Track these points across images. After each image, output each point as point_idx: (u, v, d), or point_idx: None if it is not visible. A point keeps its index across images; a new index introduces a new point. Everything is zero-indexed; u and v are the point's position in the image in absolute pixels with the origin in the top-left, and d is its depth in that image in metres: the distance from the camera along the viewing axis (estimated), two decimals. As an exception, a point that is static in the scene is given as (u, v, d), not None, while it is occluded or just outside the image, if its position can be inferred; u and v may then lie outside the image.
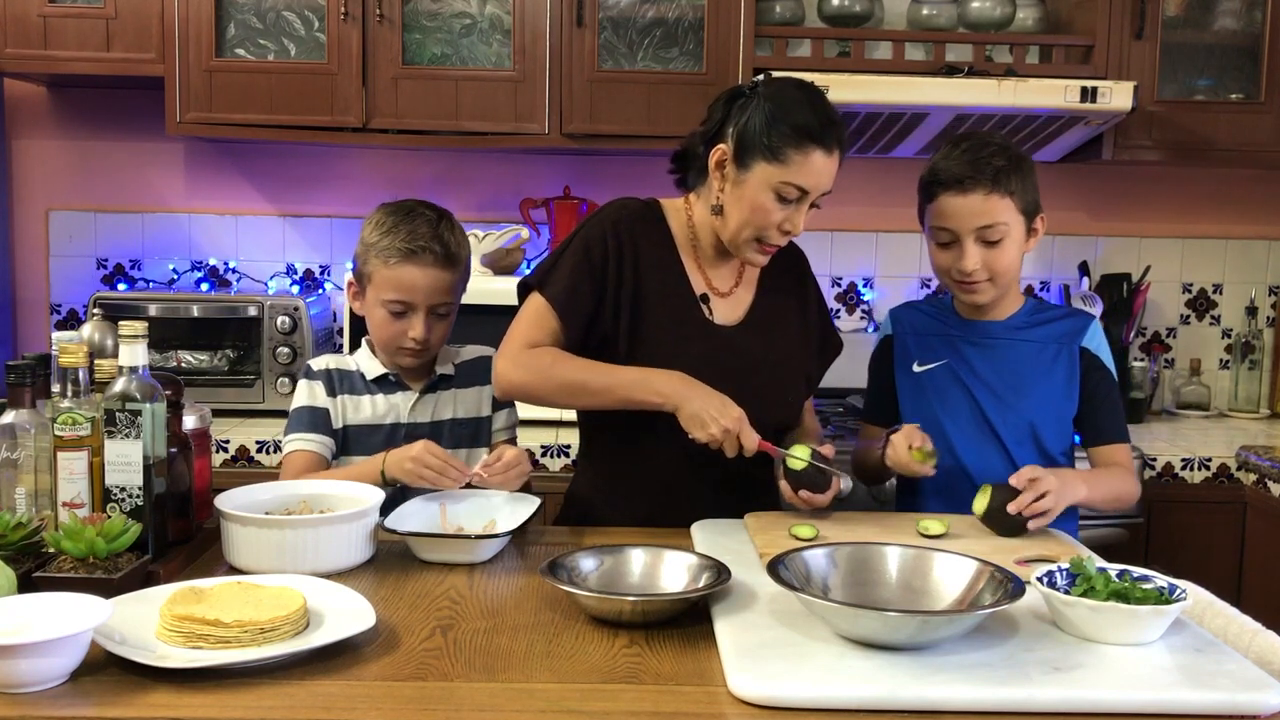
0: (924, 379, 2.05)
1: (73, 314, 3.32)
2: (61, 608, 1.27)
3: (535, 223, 3.26)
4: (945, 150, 1.96)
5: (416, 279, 1.96)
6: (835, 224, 3.38)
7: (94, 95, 3.28)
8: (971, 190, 1.90)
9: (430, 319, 1.99)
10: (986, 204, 1.90)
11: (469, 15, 2.97)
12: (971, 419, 1.99)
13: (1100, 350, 2.02)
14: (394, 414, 2.03)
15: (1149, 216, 3.45)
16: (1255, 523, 2.75)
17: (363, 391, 2.04)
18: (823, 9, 3.17)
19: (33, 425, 1.60)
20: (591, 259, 1.88)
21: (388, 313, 1.98)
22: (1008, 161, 1.91)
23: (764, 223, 1.83)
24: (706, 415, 1.74)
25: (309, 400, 2.02)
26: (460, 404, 2.08)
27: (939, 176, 1.94)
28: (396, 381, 2.05)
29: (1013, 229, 1.93)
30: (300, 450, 1.98)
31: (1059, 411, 2.00)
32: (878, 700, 1.19)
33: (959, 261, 1.94)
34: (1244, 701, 1.20)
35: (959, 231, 1.92)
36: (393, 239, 1.97)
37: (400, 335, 1.99)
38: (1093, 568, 1.42)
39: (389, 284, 1.97)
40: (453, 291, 2.01)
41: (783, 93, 1.84)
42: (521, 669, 1.29)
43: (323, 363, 2.06)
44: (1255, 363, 3.38)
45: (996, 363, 2.01)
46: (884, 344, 2.14)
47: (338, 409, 2.02)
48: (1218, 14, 3.11)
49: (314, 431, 2.00)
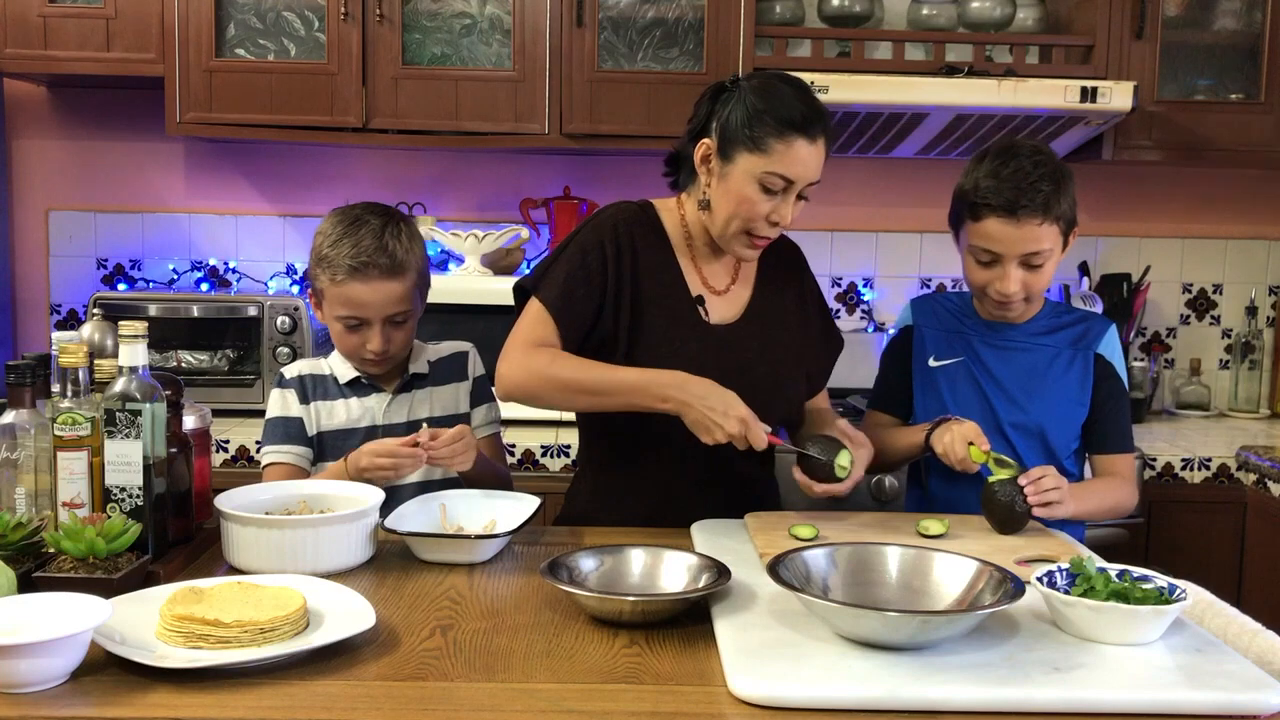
0: (938, 374, 2.05)
1: (73, 314, 3.32)
2: (61, 608, 1.27)
3: (535, 223, 3.26)
4: (990, 166, 1.90)
5: (364, 295, 1.93)
6: (835, 224, 3.39)
7: (94, 95, 3.28)
8: (1025, 220, 1.87)
9: (387, 329, 1.96)
10: (1038, 232, 1.88)
11: (469, 15, 2.97)
12: (981, 418, 1.98)
13: (1114, 358, 2.01)
14: (369, 416, 2.02)
15: (1149, 216, 3.45)
16: (1255, 523, 2.75)
17: (336, 396, 2.03)
18: (823, 9, 3.17)
19: (33, 425, 1.60)
20: (588, 264, 1.88)
21: (344, 326, 1.97)
22: (1055, 185, 1.88)
23: (750, 214, 1.83)
24: (710, 420, 1.73)
25: (281, 410, 2.02)
26: (436, 402, 2.06)
27: (988, 199, 1.89)
28: (369, 384, 2.04)
29: (1055, 251, 1.93)
30: (275, 464, 1.99)
31: (1070, 416, 2.00)
32: (878, 700, 1.19)
33: (999, 283, 1.93)
34: (1244, 701, 1.20)
35: (1004, 255, 1.91)
36: (337, 252, 1.92)
37: (359, 347, 1.97)
38: (1093, 568, 1.42)
39: (339, 300, 1.95)
40: (406, 299, 1.97)
41: (765, 85, 1.84)
42: (521, 669, 1.29)
43: (295, 369, 2.05)
44: (1255, 363, 3.38)
45: (1011, 365, 2.02)
46: (904, 334, 2.13)
47: (311, 416, 2.01)
48: (1218, 14, 3.11)
49: (287, 443, 2.00)
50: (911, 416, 2.11)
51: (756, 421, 1.74)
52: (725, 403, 1.74)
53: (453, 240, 3.01)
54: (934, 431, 1.91)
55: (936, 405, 2.04)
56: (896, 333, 2.16)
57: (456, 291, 2.84)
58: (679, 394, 1.75)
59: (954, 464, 1.86)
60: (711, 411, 1.73)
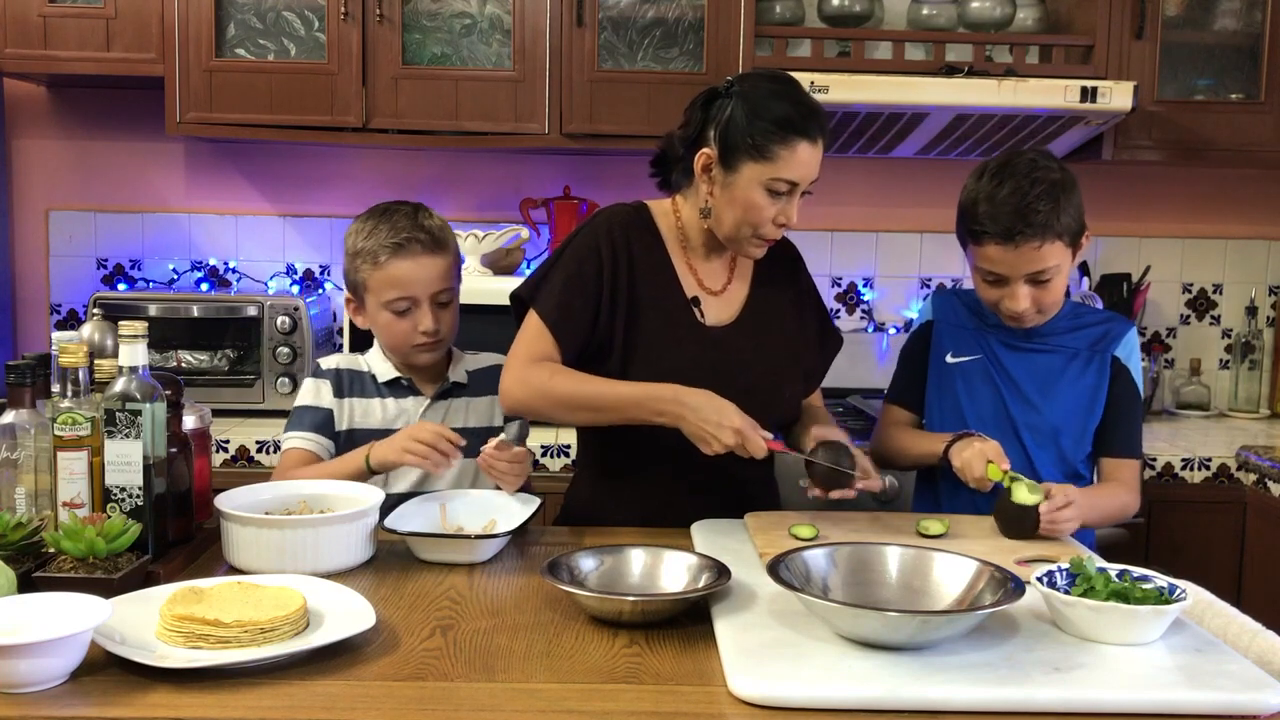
0: (954, 371, 2.04)
1: (73, 314, 3.32)
2: (61, 608, 1.27)
3: (535, 223, 3.26)
4: (987, 188, 1.87)
5: (411, 271, 1.95)
6: (835, 224, 3.39)
7: (94, 95, 3.28)
8: (1024, 244, 1.85)
9: (435, 309, 1.98)
10: (1039, 254, 1.87)
11: (469, 15, 2.97)
12: (995, 418, 1.98)
13: (1130, 361, 2.00)
14: (404, 418, 2.02)
15: (1149, 216, 3.45)
16: (1255, 523, 2.75)
17: (373, 394, 2.03)
18: (823, 9, 3.17)
19: (33, 425, 1.60)
20: (584, 273, 1.89)
21: (392, 314, 1.97)
22: (1053, 203, 1.84)
23: (758, 219, 1.84)
24: (706, 432, 1.73)
25: (313, 400, 2.01)
26: (472, 413, 2.07)
27: (984, 226, 1.87)
28: (409, 386, 2.04)
29: (1063, 264, 1.91)
30: (297, 448, 1.98)
31: (1083, 419, 1.99)
32: (878, 700, 1.19)
33: (1008, 302, 1.92)
34: (1244, 701, 1.20)
35: (1009, 276, 1.90)
36: (377, 239, 1.95)
37: (410, 332, 1.97)
38: (1093, 568, 1.42)
39: (386, 283, 1.96)
40: (449, 276, 2.00)
41: (758, 88, 1.84)
42: (521, 669, 1.29)
43: (333, 362, 2.05)
44: (1255, 363, 3.38)
45: (1028, 365, 2.00)
46: (924, 328, 2.12)
47: (344, 411, 2.01)
48: (1218, 14, 3.11)
49: (313, 431, 1.99)
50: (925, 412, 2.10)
51: (754, 429, 1.74)
52: (721, 413, 1.73)
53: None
54: (954, 445, 1.88)
55: (951, 403, 2.02)
56: (917, 326, 2.15)
57: (456, 291, 2.83)
58: (675, 407, 1.76)
59: (969, 481, 1.83)
60: (706, 423, 1.73)
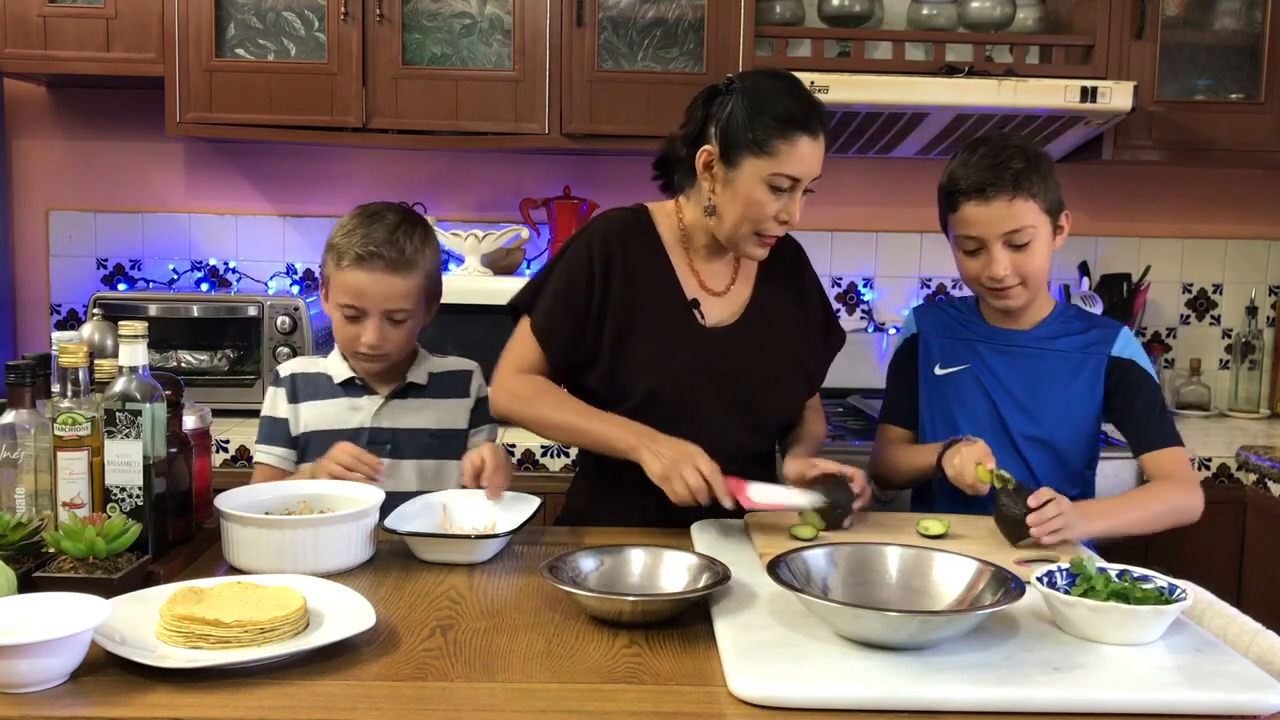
0: (944, 382, 2.03)
1: (73, 314, 3.32)
2: (61, 608, 1.27)
3: (535, 223, 3.26)
4: (962, 156, 1.94)
5: (365, 284, 1.93)
6: (835, 224, 3.38)
7: (94, 95, 3.28)
8: (994, 197, 1.88)
9: (384, 325, 1.95)
10: (1011, 209, 1.88)
11: (469, 15, 2.97)
12: (990, 426, 1.97)
13: (1135, 355, 1.98)
14: (357, 418, 2.01)
15: (1149, 216, 3.45)
16: (1255, 523, 2.75)
17: (327, 395, 2.03)
18: (823, 9, 3.17)
19: (33, 425, 1.60)
20: (574, 282, 1.90)
21: (343, 315, 1.97)
22: (1027, 163, 1.89)
23: (760, 216, 1.84)
24: (674, 480, 1.71)
25: (271, 409, 2.04)
26: (430, 414, 2.04)
27: (959, 185, 1.91)
28: (363, 385, 2.03)
29: (1040, 230, 1.91)
30: (262, 463, 2.02)
31: (1080, 423, 1.98)
32: (878, 700, 1.19)
33: (988, 268, 1.92)
34: (1244, 701, 1.20)
35: (985, 238, 1.91)
36: (349, 241, 1.94)
37: (354, 339, 1.97)
38: (1093, 568, 1.42)
39: (341, 287, 1.96)
40: (408, 298, 1.95)
41: (759, 85, 1.84)
42: (521, 669, 1.29)
43: (289, 367, 2.07)
44: (1255, 363, 3.38)
45: (1019, 371, 1.99)
46: (909, 343, 2.11)
47: (298, 416, 2.02)
48: (1218, 14, 3.11)
49: (272, 444, 2.02)
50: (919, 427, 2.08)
51: (719, 478, 1.71)
52: (689, 458, 1.72)
53: (453, 240, 3.01)
54: (945, 454, 1.86)
55: (944, 415, 2.01)
56: (901, 342, 2.13)
57: (456, 292, 2.81)
58: (642, 450, 1.76)
59: (965, 488, 1.81)
60: (669, 475, 1.71)
